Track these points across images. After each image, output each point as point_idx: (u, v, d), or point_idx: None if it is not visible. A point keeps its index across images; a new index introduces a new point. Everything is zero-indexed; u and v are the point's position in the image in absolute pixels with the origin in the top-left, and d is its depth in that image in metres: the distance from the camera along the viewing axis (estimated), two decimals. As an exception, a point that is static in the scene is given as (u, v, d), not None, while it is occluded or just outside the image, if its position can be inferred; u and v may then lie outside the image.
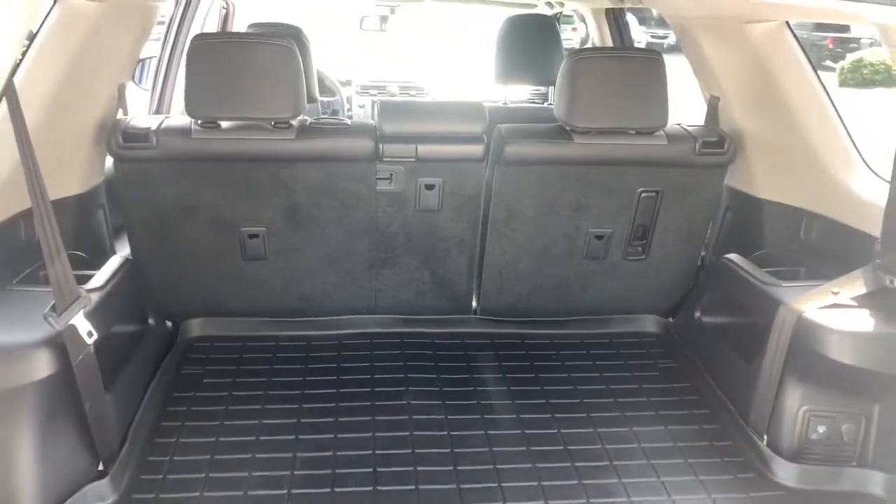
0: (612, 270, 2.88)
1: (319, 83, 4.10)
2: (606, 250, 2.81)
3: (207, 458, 2.19)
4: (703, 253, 2.99)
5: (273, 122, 2.46)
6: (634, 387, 2.65)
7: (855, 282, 2.09)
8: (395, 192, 2.64)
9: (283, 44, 2.36)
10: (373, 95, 4.91)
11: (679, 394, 2.62)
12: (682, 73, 2.95)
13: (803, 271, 2.53)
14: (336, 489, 2.09)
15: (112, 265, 2.34)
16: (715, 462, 2.26)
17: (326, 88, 4.63)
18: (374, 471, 2.16)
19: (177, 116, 2.66)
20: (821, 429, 2.19)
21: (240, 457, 2.20)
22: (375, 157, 2.56)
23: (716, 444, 2.35)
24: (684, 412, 2.51)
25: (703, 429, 2.42)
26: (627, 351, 2.89)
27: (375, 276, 2.83)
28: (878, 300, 2.09)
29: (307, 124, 2.54)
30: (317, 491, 2.08)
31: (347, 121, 2.63)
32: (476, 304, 2.99)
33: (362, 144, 2.53)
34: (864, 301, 2.11)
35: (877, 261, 2.04)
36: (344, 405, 2.47)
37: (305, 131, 2.51)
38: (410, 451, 2.25)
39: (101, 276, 2.24)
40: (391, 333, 2.92)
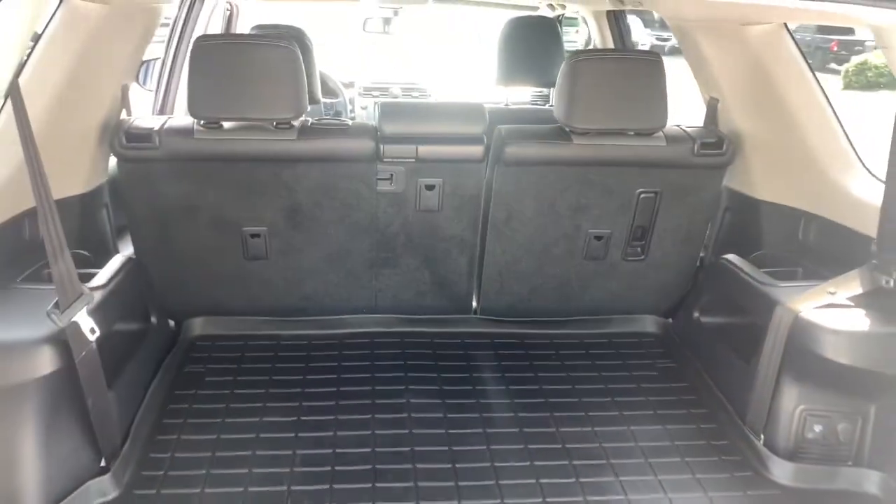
0: (612, 271, 2.89)
1: (323, 85, 4.11)
2: (606, 251, 2.83)
3: (208, 455, 2.21)
4: (701, 253, 3.00)
5: (275, 123, 2.48)
6: (633, 386, 2.66)
7: (851, 282, 2.10)
8: (396, 192, 2.65)
9: (284, 45, 2.38)
10: (375, 97, 4.91)
11: (677, 393, 2.63)
12: (684, 76, 2.96)
13: (801, 272, 2.54)
14: (335, 486, 2.10)
15: (115, 264, 2.36)
16: (712, 461, 2.27)
17: (330, 90, 4.65)
18: (374, 468, 2.18)
19: (180, 117, 2.68)
20: (817, 428, 2.20)
21: (240, 454, 2.22)
22: (376, 157, 2.57)
23: (713, 443, 2.36)
24: (682, 411, 2.52)
25: (701, 428, 2.43)
26: (626, 351, 2.91)
27: (376, 275, 2.85)
28: (874, 300, 2.10)
29: (308, 125, 2.56)
30: (316, 487, 2.10)
31: (348, 121, 2.65)
32: (476, 304, 3.01)
33: (363, 145, 2.55)
34: (861, 301, 2.12)
35: (873, 261, 2.05)
36: (344, 403, 2.48)
37: (307, 132, 2.53)
38: (409, 449, 2.27)
39: (104, 274, 2.26)
40: (391, 333, 2.94)
